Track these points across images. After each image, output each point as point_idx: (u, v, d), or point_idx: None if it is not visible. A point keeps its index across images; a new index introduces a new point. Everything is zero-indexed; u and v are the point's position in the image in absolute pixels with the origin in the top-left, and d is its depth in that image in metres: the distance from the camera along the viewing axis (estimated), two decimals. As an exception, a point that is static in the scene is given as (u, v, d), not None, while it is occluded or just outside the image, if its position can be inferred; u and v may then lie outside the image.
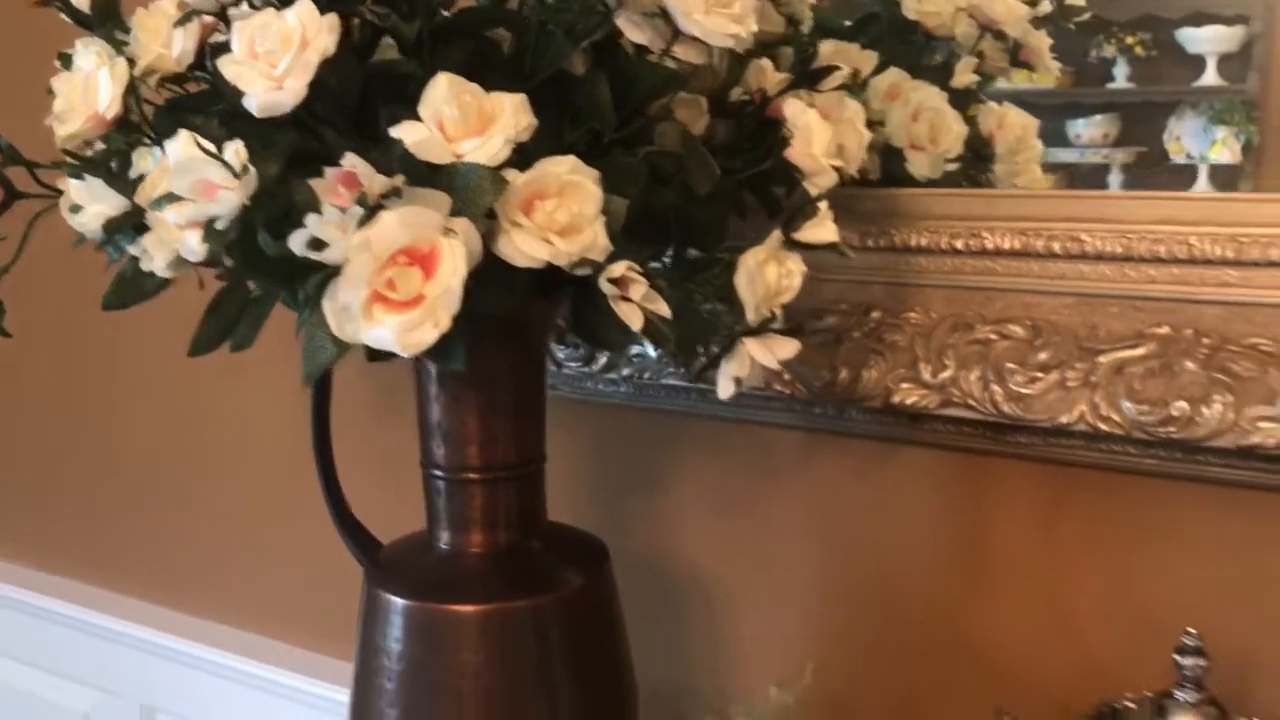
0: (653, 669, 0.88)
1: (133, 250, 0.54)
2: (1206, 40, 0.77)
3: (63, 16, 0.62)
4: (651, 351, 0.88)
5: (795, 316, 0.75)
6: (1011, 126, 0.87)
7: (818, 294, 0.84)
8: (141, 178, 0.54)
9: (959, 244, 0.79)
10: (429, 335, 0.48)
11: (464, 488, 0.72)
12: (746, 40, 0.59)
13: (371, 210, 0.46)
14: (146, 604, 1.33)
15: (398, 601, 0.72)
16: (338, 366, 0.60)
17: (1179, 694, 0.61)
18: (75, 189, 0.54)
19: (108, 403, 1.35)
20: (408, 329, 0.47)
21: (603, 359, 0.91)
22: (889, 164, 0.85)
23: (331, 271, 0.47)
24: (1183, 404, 0.70)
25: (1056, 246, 0.75)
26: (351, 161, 0.46)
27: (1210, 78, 0.77)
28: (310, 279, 0.47)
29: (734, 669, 0.95)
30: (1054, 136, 0.84)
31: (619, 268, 0.54)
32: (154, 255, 0.52)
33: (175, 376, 1.25)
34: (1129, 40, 0.80)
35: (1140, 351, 0.72)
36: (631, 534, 0.99)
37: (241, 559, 1.26)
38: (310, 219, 0.46)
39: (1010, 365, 0.75)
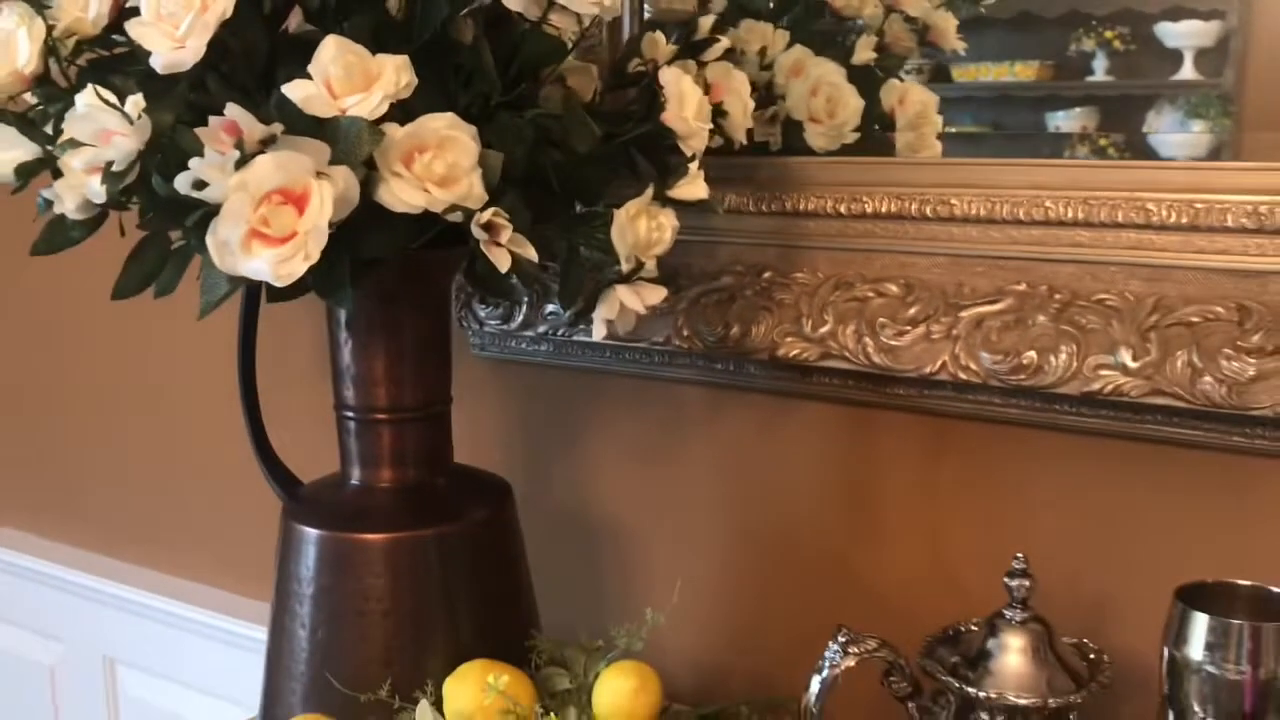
0: (568, 609, 0.93)
1: (47, 195, 0.60)
2: (1183, 35, 0.78)
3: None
4: (562, 310, 0.93)
5: (678, 272, 0.81)
6: (912, 102, 0.92)
7: (716, 257, 0.90)
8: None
9: (842, 208, 0.84)
10: (299, 267, 0.54)
11: (372, 428, 0.78)
12: (612, 10, 0.64)
13: (249, 155, 0.52)
14: (99, 555, 1.39)
15: (311, 532, 0.78)
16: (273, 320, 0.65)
17: (1008, 613, 0.67)
18: (-9, 136, 0.60)
19: (50, 352, 1.40)
20: (281, 261, 0.53)
21: (519, 317, 0.96)
22: (791, 137, 0.91)
23: (212, 210, 0.53)
24: (1032, 354, 0.76)
25: (929, 210, 0.81)
26: (233, 111, 0.52)
27: (1187, 72, 0.77)
28: (191, 215, 0.53)
29: (643, 607, 1.01)
30: (1034, 129, 0.86)
31: (486, 214, 0.60)
32: (65, 199, 0.58)
33: (111, 323, 1.31)
34: (1108, 34, 0.81)
35: (999, 306, 0.78)
36: (553, 485, 1.05)
37: (178, 504, 1.32)
38: (193, 162, 0.52)
39: (882, 320, 0.81)
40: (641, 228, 0.67)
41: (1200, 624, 0.53)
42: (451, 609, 0.77)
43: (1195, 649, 0.53)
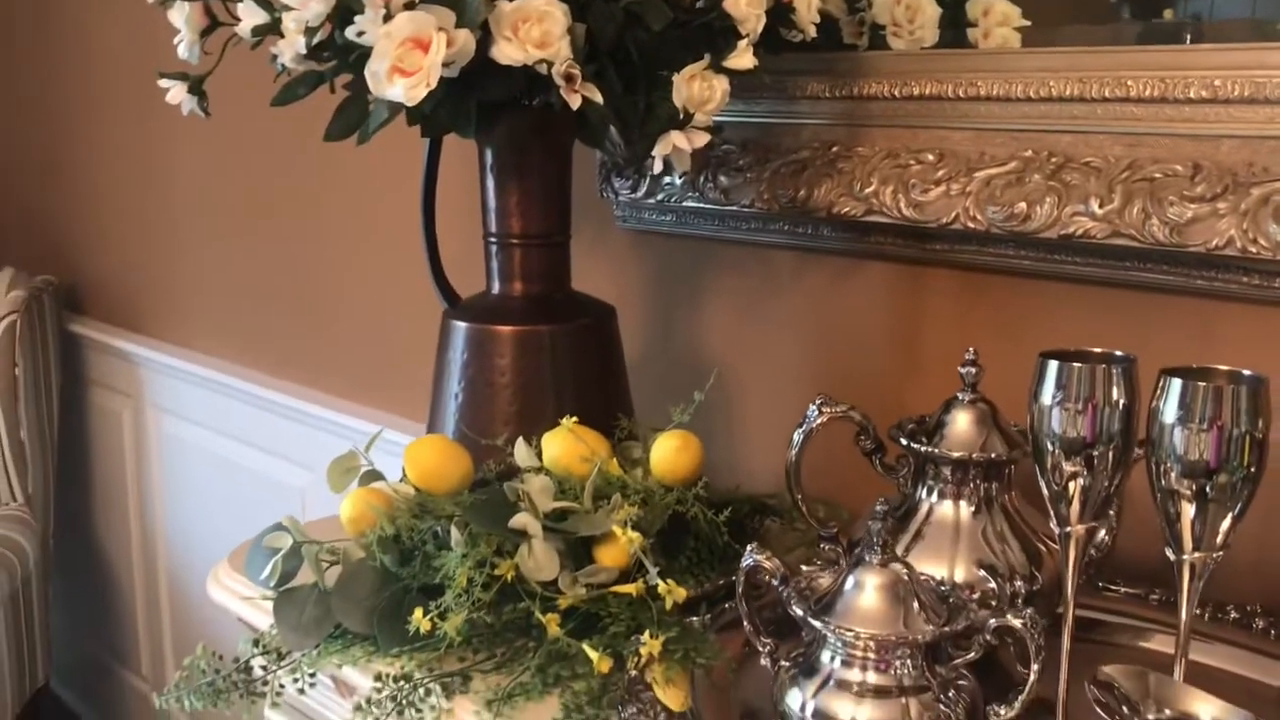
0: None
1: (274, 51, 0.87)
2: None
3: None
4: (677, 180, 1.16)
5: (769, 149, 1.01)
6: (994, 14, 1.08)
7: (799, 136, 1.10)
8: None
9: (896, 91, 1.02)
10: (422, 92, 0.79)
11: (507, 250, 1.03)
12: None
13: (392, 13, 0.77)
14: (324, 394, 1.73)
15: (461, 325, 1.04)
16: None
17: (960, 395, 0.84)
18: (242, 9, 0.88)
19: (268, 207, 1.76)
20: (411, 87, 0.78)
21: (644, 187, 1.19)
22: (877, 42, 1.09)
23: (368, 50, 0.78)
24: (1023, 205, 0.92)
25: (961, 91, 0.98)
26: (416, 21, 0.77)
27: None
28: (355, 53, 0.79)
29: (744, 437, 1.22)
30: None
31: (564, 65, 0.83)
32: (284, 52, 0.85)
33: (316, 173, 1.64)
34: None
35: (1005, 169, 0.94)
36: (675, 333, 1.27)
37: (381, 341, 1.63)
38: (357, 18, 0.78)
39: (914, 181, 0.99)
40: (696, 87, 0.89)
41: (1051, 371, 0.69)
42: (558, 388, 1.02)
43: (1046, 396, 0.69)
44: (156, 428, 2.23)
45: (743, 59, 0.90)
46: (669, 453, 0.94)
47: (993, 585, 0.78)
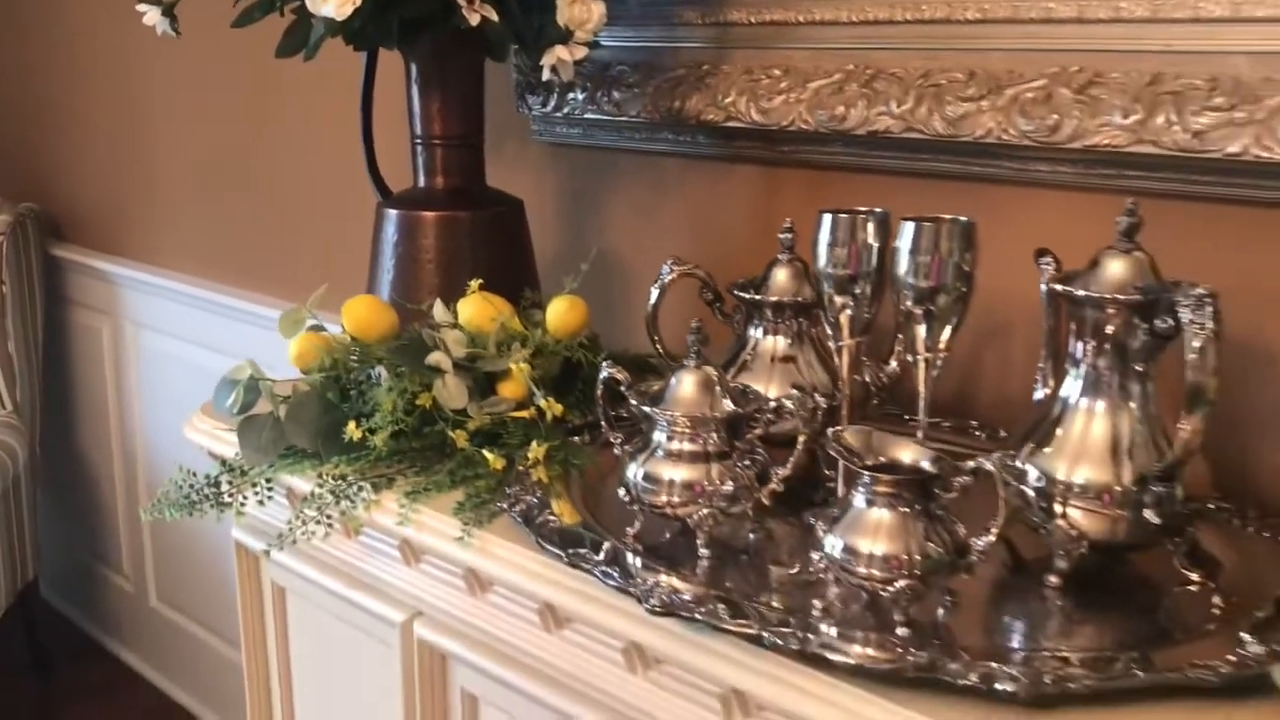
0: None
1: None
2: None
3: None
4: (579, 96, 1.37)
5: (653, 66, 1.22)
6: None
7: (678, 57, 1.31)
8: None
9: (752, 19, 1.23)
10: (348, 9, 0.99)
11: (431, 150, 1.24)
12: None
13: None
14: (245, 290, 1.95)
15: (393, 212, 1.25)
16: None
17: (779, 256, 1.06)
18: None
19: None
20: (339, 5, 0.99)
21: (552, 103, 1.40)
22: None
23: (306, -24, 1.00)
24: (841, 108, 1.13)
25: (800, 17, 1.19)
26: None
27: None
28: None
29: (629, 308, 1.44)
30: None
31: (464, -12, 1.04)
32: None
33: (270, 84, 1.84)
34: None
35: (832, 80, 1.16)
36: (584, 230, 1.49)
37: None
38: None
39: (762, 92, 1.20)
40: (576, 10, 1.10)
41: (825, 222, 0.91)
42: (473, 265, 1.23)
43: (822, 241, 0.91)
44: (134, 342, 2.44)
45: (610, -12, 1.12)
46: (560, 312, 1.16)
47: (800, 397, 1.00)
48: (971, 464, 0.77)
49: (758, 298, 1.05)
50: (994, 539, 0.78)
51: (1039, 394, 0.92)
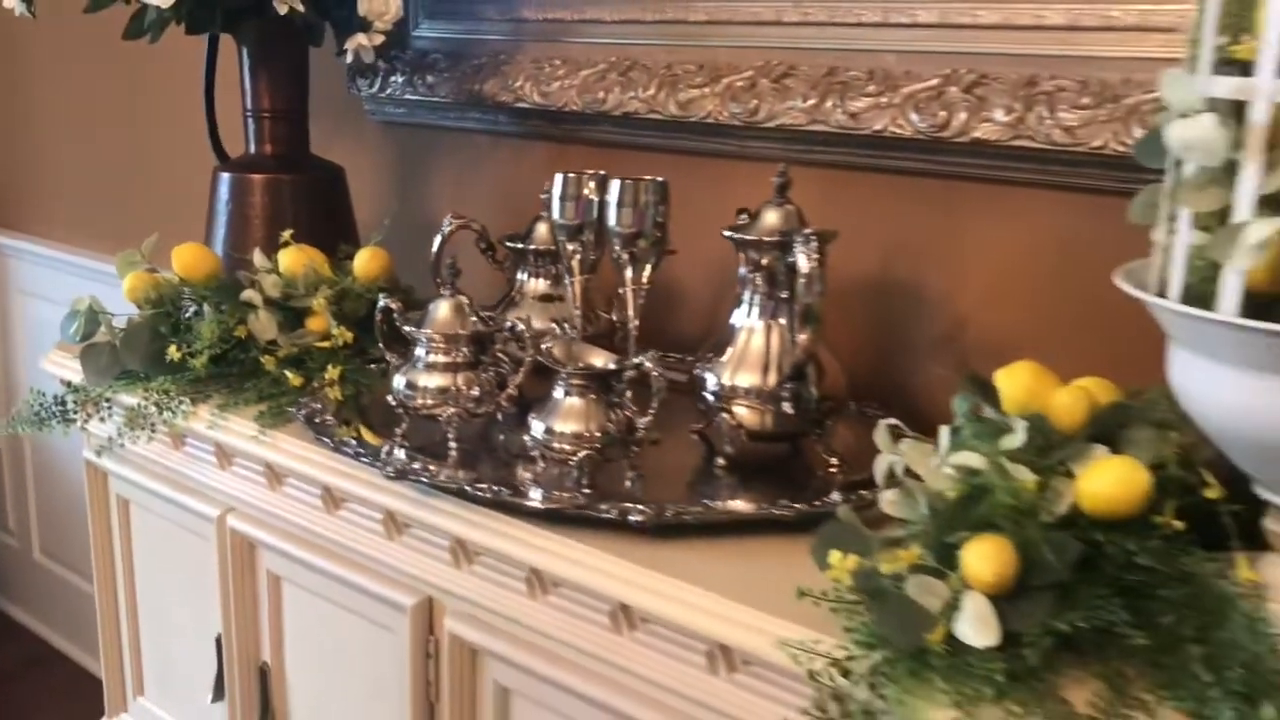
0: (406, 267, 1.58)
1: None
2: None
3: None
4: (399, 79, 1.57)
5: (460, 54, 1.43)
6: None
7: (483, 46, 1.52)
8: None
9: (540, 16, 1.45)
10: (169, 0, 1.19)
11: (260, 120, 1.44)
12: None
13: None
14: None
15: (227, 175, 1.45)
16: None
17: (542, 213, 1.27)
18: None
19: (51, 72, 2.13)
20: (165, -5, 1.19)
21: (377, 85, 1.61)
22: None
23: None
24: (602, 93, 1.35)
25: (575, 16, 1.41)
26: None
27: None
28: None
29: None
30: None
31: (275, -17, 1.24)
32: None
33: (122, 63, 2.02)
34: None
35: (598, 69, 1.38)
36: (409, 202, 1.69)
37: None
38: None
39: (544, 78, 1.42)
40: (375, 4, 1.31)
41: (557, 180, 1.13)
42: (295, 222, 1.42)
43: (555, 197, 1.13)
44: (20, 311, 2.58)
45: (410, -14, 1.32)
46: (364, 261, 1.36)
47: (556, 328, 1.22)
48: (634, 362, 1.00)
49: (521, 246, 1.26)
50: (651, 418, 1.00)
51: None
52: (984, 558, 0.74)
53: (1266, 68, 0.66)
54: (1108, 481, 0.78)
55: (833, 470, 1.06)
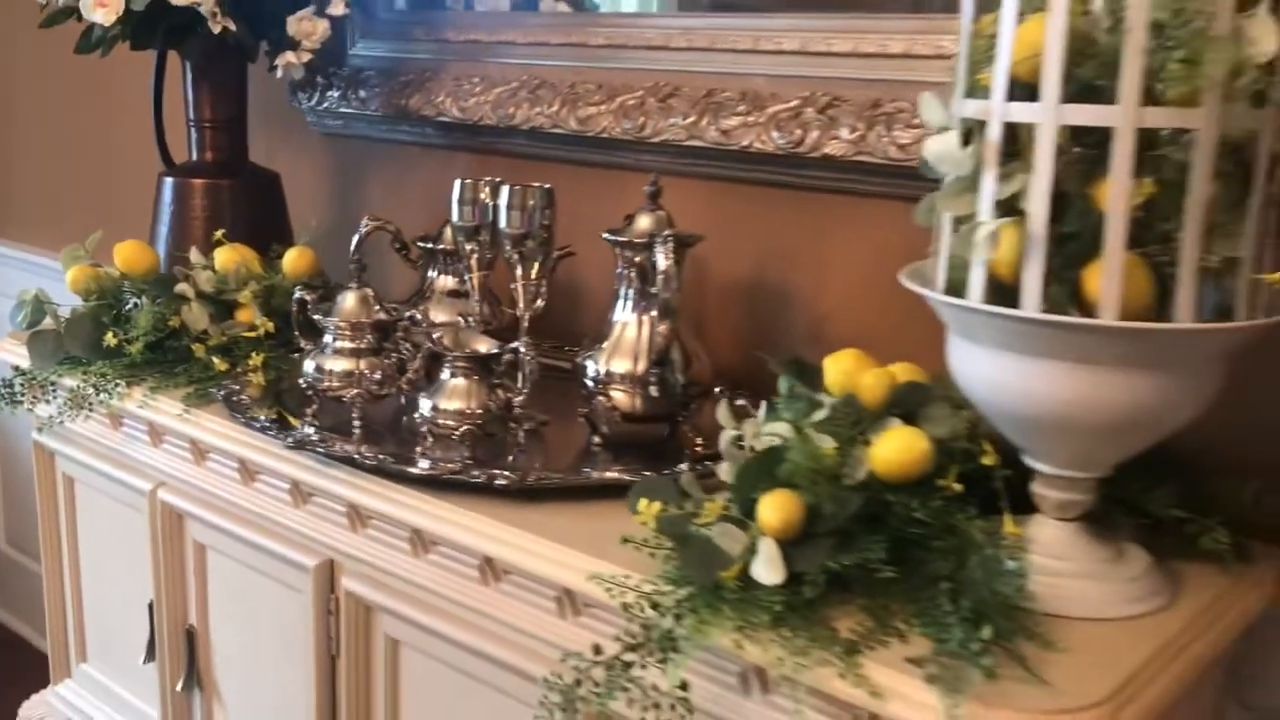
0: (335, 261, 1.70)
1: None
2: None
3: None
4: (335, 94, 1.70)
5: (392, 71, 1.56)
6: None
7: (410, 64, 1.65)
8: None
9: (461, 37, 1.58)
10: (113, 16, 1.31)
11: (201, 129, 1.56)
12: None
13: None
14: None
15: (169, 180, 1.57)
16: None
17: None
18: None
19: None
20: (106, 14, 1.31)
21: (316, 98, 1.73)
22: (468, 2, 1.64)
23: (81, -10, 1.32)
24: (512, 109, 1.48)
25: (492, 39, 1.54)
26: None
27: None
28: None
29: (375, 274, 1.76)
30: None
31: (210, 5, 1.36)
32: (37, -11, 1.37)
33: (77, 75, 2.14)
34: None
35: (511, 87, 1.50)
36: (348, 207, 1.82)
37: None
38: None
39: (462, 94, 1.55)
40: (303, 26, 1.43)
41: (456, 186, 1.25)
42: (233, 224, 1.54)
43: (454, 201, 1.25)
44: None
45: (336, 9, 1.45)
46: (292, 259, 1.48)
47: (464, 321, 1.34)
48: (510, 347, 1.12)
49: (430, 246, 1.39)
50: (524, 396, 1.12)
51: (614, 316, 1.27)
52: (773, 508, 0.86)
53: (998, 94, 0.79)
54: (893, 449, 0.91)
55: (698, 448, 1.18)
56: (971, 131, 0.81)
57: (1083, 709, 0.74)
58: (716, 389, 1.25)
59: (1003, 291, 0.82)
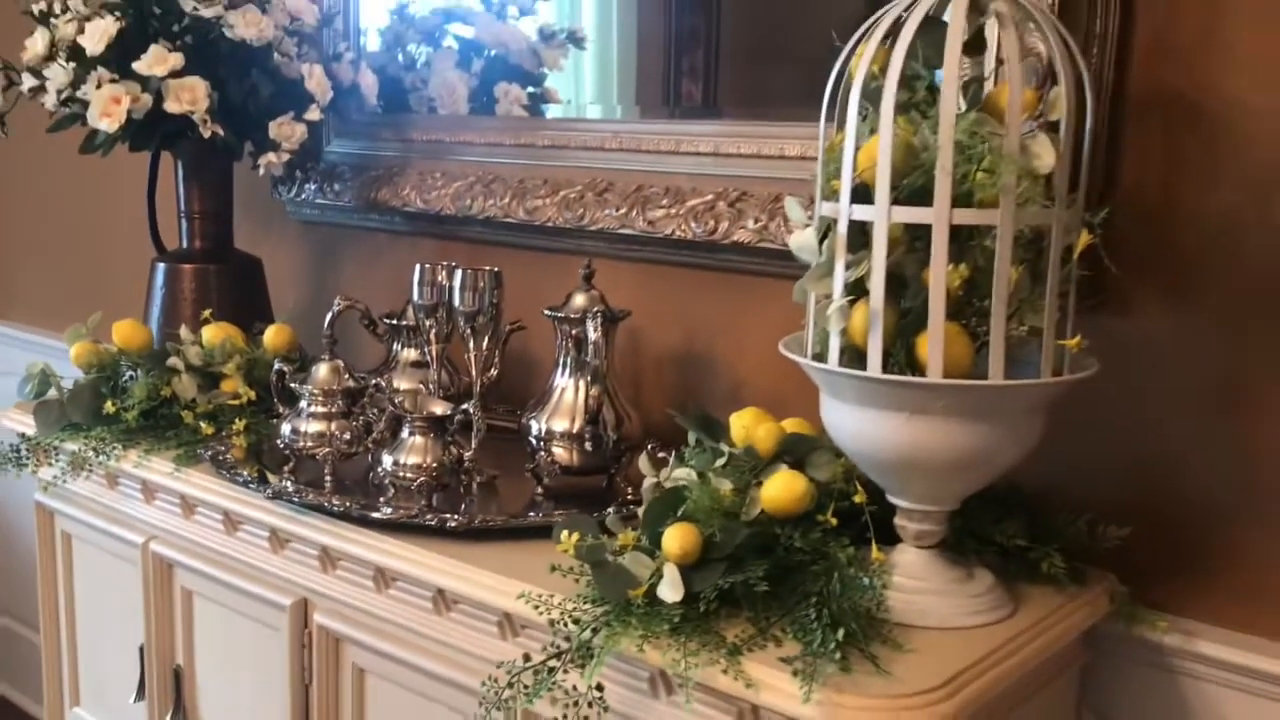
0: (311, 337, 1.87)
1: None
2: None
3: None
4: (311, 186, 1.89)
5: (364, 166, 1.75)
6: (511, 95, 1.84)
7: (378, 160, 1.84)
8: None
9: (424, 138, 1.77)
10: (115, 125, 1.50)
11: (191, 219, 1.75)
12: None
13: (100, 85, 1.49)
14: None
15: (161, 265, 1.75)
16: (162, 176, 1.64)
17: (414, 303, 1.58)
18: (25, 76, 1.57)
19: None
20: (110, 123, 1.50)
21: (295, 190, 1.92)
22: (430, 107, 1.84)
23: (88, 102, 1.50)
24: (469, 200, 1.67)
25: (450, 139, 1.73)
26: (113, 89, 1.49)
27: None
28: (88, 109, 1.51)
29: (348, 348, 1.94)
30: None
31: (201, 113, 1.55)
32: (47, 102, 1.55)
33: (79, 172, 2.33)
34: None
35: (469, 181, 1.70)
36: (323, 289, 2.00)
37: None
38: (83, 86, 1.50)
39: (427, 188, 1.74)
40: (283, 129, 1.62)
41: (416, 269, 1.43)
42: (219, 304, 1.72)
43: (415, 282, 1.44)
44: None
45: (312, 115, 1.65)
46: (271, 335, 1.66)
47: (425, 388, 1.51)
48: (461, 409, 1.30)
49: (395, 323, 1.57)
50: (473, 452, 1.30)
51: (555, 382, 1.45)
52: (674, 538, 1.03)
53: (844, 198, 0.98)
54: (777, 490, 1.09)
55: (628, 495, 1.35)
56: (829, 227, 1.00)
57: (915, 695, 0.91)
58: (648, 444, 1.43)
59: (859, 356, 1.01)
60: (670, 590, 1.02)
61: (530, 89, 1.76)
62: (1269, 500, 1.14)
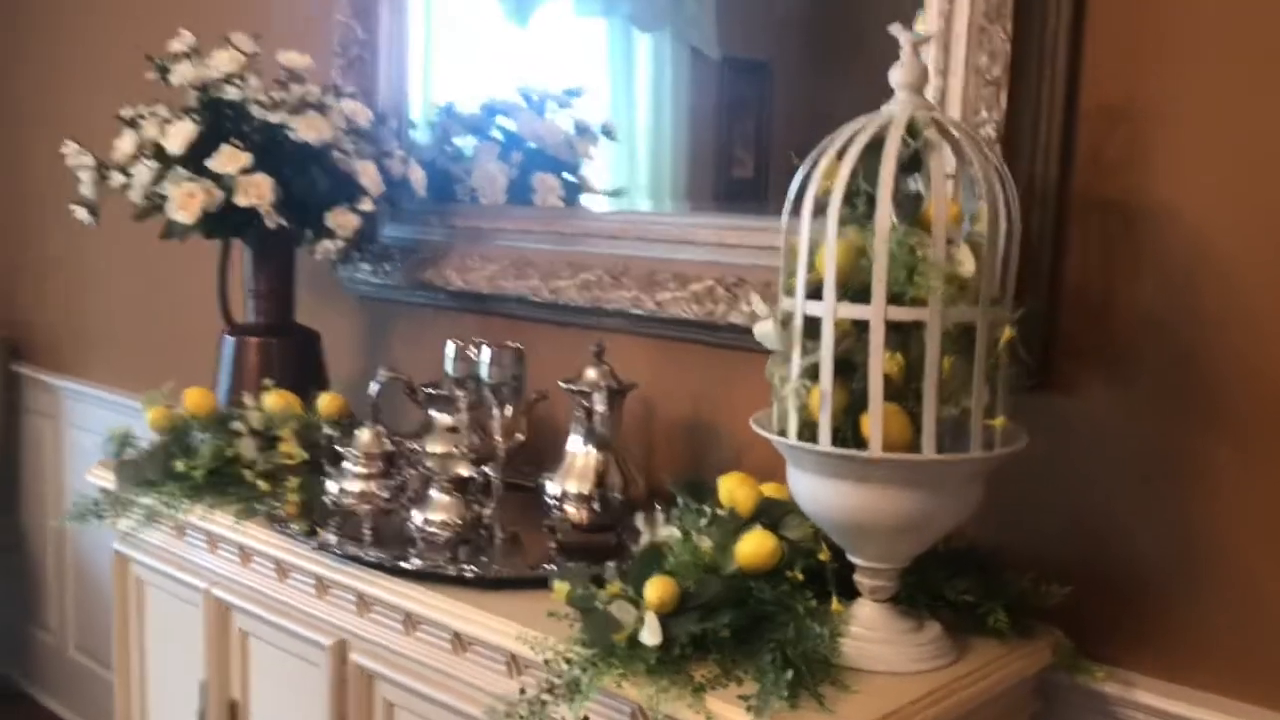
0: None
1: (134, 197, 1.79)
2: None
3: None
4: (367, 266, 2.09)
5: (414, 249, 1.95)
6: (547, 184, 2.04)
7: (425, 244, 2.03)
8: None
9: (467, 224, 1.97)
10: (190, 217, 1.71)
11: (258, 298, 1.96)
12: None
13: (179, 181, 1.70)
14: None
15: (230, 338, 1.95)
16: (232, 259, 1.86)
17: (447, 375, 1.76)
18: (112, 173, 1.79)
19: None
20: (187, 215, 1.71)
21: (352, 270, 2.12)
22: (473, 197, 2.04)
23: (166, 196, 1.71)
24: (504, 281, 1.85)
25: (490, 226, 1.92)
26: (190, 185, 1.70)
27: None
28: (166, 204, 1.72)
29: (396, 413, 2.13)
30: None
31: (266, 206, 1.75)
32: (133, 194, 1.77)
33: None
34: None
35: (502, 265, 1.88)
36: (375, 357, 2.19)
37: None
38: (164, 182, 1.71)
39: (467, 269, 1.92)
40: (339, 219, 1.83)
41: (449, 347, 1.61)
42: (281, 374, 1.92)
43: (448, 358, 1.61)
44: (71, 441, 3.10)
45: (365, 206, 1.85)
46: (325, 402, 1.85)
47: (456, 451, 1.67)
48: (481, 470, 1.47)
49: (432, 392, 1.74)
50: (491, 511, 1.46)
51: (571, 448, 1.61)
52: (654, 589, 1.18)
53: (799, 294, 1.13)
54: (749, 547, 1.23)
55: (634, 551, 1.50)
56: (788, 318, 1.16)
57: (852, 728, 1.05)
58: (656, 505, 1.59)
59: (816, 431, 1.15)
60: (649, 635, 1.16)
61: (566, 176, 1.95)
62: (1199, 562, 1.25)
